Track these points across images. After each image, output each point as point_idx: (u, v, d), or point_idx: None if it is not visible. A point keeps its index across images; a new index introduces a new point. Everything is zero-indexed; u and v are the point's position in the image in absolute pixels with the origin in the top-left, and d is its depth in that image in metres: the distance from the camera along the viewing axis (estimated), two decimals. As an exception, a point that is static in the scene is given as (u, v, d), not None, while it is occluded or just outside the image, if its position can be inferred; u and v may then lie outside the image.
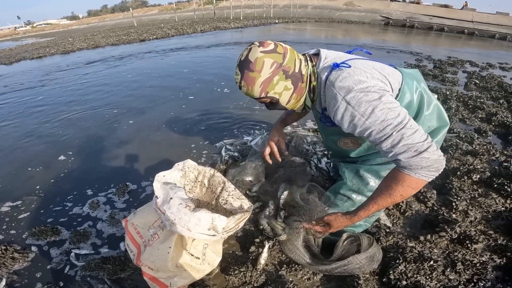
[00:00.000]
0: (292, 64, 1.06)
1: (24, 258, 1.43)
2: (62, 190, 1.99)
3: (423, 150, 0.91)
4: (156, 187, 1.14)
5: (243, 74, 1.04)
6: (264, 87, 1.04)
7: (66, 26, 32.01)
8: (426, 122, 1.24)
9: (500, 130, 2.66)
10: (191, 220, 1.01)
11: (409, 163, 0.93)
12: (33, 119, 3.34)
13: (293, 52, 1.08)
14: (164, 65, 5.79)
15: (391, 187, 1.00)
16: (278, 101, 1.11)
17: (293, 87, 1.08)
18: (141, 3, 60.91)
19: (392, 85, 1.09)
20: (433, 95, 1.31)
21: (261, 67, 1.01)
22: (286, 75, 1.05)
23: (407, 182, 0.97)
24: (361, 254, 1.22)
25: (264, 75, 1.02)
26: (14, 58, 8.14)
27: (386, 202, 1.04)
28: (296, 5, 19.72)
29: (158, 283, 1.10)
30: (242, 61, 1.04)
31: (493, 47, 8.80)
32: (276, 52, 1.03)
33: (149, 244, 1.12)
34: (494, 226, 1.53)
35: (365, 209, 1.08)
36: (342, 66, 1.03)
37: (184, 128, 2.84)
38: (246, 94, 1.10)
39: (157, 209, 1.10)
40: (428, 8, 17.82)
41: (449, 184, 1.81)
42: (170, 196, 1.06)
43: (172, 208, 1.03)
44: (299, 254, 1.28)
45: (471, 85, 3.98)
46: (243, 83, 1.05)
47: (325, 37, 9.98)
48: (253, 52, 1.03)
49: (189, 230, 1.02)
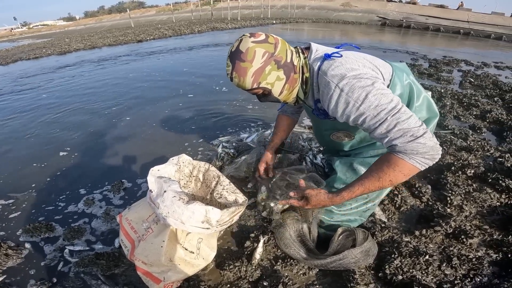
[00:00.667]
0: (284, 54, 1.05)
1: (18, 255, 1.42)
2: (57, 187, 1.98)
3: (420, 135, 0.90)
4: (150, 181, 1.13)
5: (234, 65, 1.02)
6: (256, 78, 1.03)
7: (63, 27, 31.85)
8: (416, 113, 1.24)
9: (494, 126, 2.67)
10: (184, 213, 1.00)
11: (405, 148, 0.91)
12: (29, 117, 3.32)
13: (284, 43, 1.08)
14: (163, 64, 5.78)
15: (382, 169, 0.97)
16: (271, 92, 1.09)
17: (285, 77, 1.07)
18: (138, 4, 60.80)
19: (384, 75, 1.10)
20: (424, 89, 1.31)
21: (253, 56, 1.00)
22: (278, 65, 1.05)
23: (399, 167, 0.95)
24: (356, 249, 1.21)
25: (255, 65, 1.01)
26: (11, 59, 8.09)
27: (373, 186, 1.00)
28: (294, 6, 19.76)
29: (151, 277, 1.09)
30: (233, 52, 1.03)
31: (489, 47, 8.87)
32: (268, 42, 1.03)
33: (143, 239, 1.11)
34: (489, 221, 1.54)
35: (350, 191, 1.05)
36: (333, 56, 1.03)
37: (180, 126, 2.83)
38: (237, 86, 1.08)
39: (151, 202, 1.09)
40: (424, 9, 17.92)
41: (443, 179, 1.82)
42: (164, 189, 1.05)
43: (165, 201, 1.03)
44: (294, 249, 1.28)
45: (466, 83, 4.00)
46: (234, 74, 1.03)
47: (322, 37, 10.02)
48: (244, 42, 1.01)
49: (183, 223, 1.01)
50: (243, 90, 1.10)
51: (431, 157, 0.92)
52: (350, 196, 1.05)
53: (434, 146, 0.91)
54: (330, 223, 1.36)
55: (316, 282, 1.23)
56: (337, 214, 1.35)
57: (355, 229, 1.31)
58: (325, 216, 1.36)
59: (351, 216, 1.37)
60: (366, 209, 1.38)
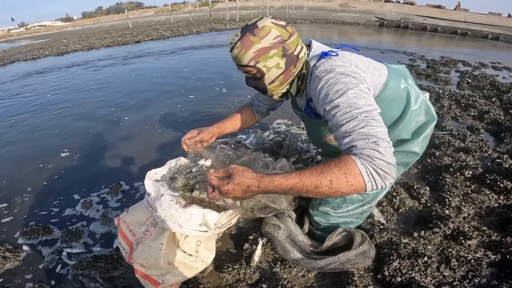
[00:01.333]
0: (293, 45, 1.06)
1: (15, 258, 1.41)
2: (55, 189, 1.97)
3: (382, 146, 0.82)
4: (147, 185, 1.13)
5: (243, 36, 1.02)
6: (257, 55, 1.02)
7: (60, 28, 31.77)
8: (413, 116, 1.24)
9: (492, 127, 2.68)
10: (182, 216, 0.99)
11: (362, 152, 0.82)
12: (27, 117, 3.31)
13: (298, 37, 1.09)
14: (162, 65, 5.77)
15: (329, 166, 0.83)
16: (263, 77, 1.08)
17: (284, 67, 1.07)
18: (136, 4, 60.71)
19: (377, 78, 1.09)
20: (422, 92, 1.31)
21: (265, 34, 1.01)
22: (283, 53, 1.05)
23: (347, 168, 0.81)
24: (351, 251, 1.22)
25: (264, 43, 1.01)
26: (8, 60, 8.06)
27: (310, 180, 0.83)
28: (292, 7, 19.78)
29: (150, 280, 1.08)
30: (248, 25, 1.04)
31: (486, 47, 8.90)
32: (286, 29, 1.04)
33: (141, 242, 1.11)
34: (487, 222, 1.54)
35: (284, 176, 0.85)
36: (330, 54, 1.04)
37: (179, 127, 2.83)
38: (233, 58, 1.06)
39: (149, 206, 1.09)
40: (421, 9, 17.99)
41: (442, 181, 1.82)
42: (161, 193, 1.05)
43: (163, 205, 1.02)
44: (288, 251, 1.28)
45: (463, 84, 4.02)
46: (238, 44, 1.02)
47: (321, 37, 10.03)
48: (263, 20, 1.03)
49: (181, 226, 1.01)
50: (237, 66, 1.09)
51: (382, 175, 0.81)
52: (282, 182, 0.84)
53: (391, 165, 0.82)
54: (326, 225, 1.36)
55: (315, 284, 1.23)
56: (334, 216, 1.35)
57: (354, 230, 1.31)
58: (321, 219, 1.36)
59: (348, 218, 1.37)
60: (363, 211, 1.38)
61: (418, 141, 1.27)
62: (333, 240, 1.29)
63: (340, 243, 1.29)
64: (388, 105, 1.16)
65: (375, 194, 1.35)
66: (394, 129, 1.22)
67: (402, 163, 1.30)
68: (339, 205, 1.34)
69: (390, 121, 1.22)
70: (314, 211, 1.38)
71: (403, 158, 1.28)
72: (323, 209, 1.35)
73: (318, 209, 1.37)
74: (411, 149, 1.27)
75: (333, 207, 1.34)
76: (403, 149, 1.27)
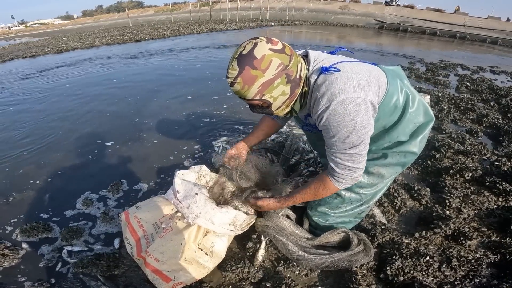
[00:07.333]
0: (295, 68, 0.99)
1: (14, 255, 1.40)
2: (55, 187, 1.96)
3: (356, 174, 1.08)
4: (177, 183, 1.23)
5: (243, 70, 0.92)
6: (262, 89, 0.96)
7: (60, 26, 31.69)
8: (412, 119, 1.22)
9: (491, 131, 2.71)
10: (217, 215, 1.12)
11: (338, 176, 1.09)
12: (28, 115, 3.29)
13: (296, 56, 1.01)
14: (162, 65, 5.76)
15: (318, 190, 1.18)
16: (270, 106, 1.03)
17: (289, 92, 1.02)
18: (136, 3, 60.53)
19: (379, 89, 1.07)
20: (417, 93, 1.30)
21: (267, 66, 0.92)
22: (288, 79, 0.98)
23: (330, 188, 1.15)
24: (346, 252, 1.23)
25: (267, 76, 0.93)
26: (7, 57, 8.02)
27: (309, 199, 1.23)
28: (292, 8, 19.85)
29: (161, 275, 1.09)
30: (243, 55, 0.92)
31: (484, 51, 8.98)
32: (284, 53, 0.95)
33: (161, 236, 1.14)
34: (487, 223, 1.56)
35: (292, 200, 1.26)
36: (331, 70, 0.99)
37: (180, 127, 2.83)
38: (236, 93, 0.99)
39: (178, 202, 1.18)
40: (421, 12, 18.15)
41: (442, 182, 1.84)
42: (195, 192, 1.17)
43: (198, 202, 1.14)
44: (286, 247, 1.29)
45: (462, 87, 4.05)
46: (238, 80, 0.93)
47: (320, 40, 10.07)
48: (260, 47, 0.92)
49: (213, 224, 1.13)
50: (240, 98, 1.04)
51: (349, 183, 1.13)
52: (293, 202, 1.27)
53: (356, 178, 1.11)
54: (325, 225, 1.37)
55: (318, 283, 1.23)
56: (332, 216, 1.36)
57: (352, 233, 1.32)
58: (320, 219, 1.37)
59: (346, 218, 1.38)
60: (361, 211, 1.39)
61: (416, 141, 1.25)
62: (328, 238, 1.31)
63: (334, 242, 1.31)
64: (389, 111, 1.15)
65: (373, 194, 1.36)
66: (392, 132, 1.21)
67: (400, 163, 1.29)
68: (337, 205, 1.35)
69: (389, 124, 1.21)
70: (312, 212, 1.39)
71: (401, 158, 1.27)
72: (321, 209, 1.36)
73: (316, 209, 1.37)
74: (409, 150, 1.25)
75: (331, 208, 1.35)
76: (401, 149, 1.25)
